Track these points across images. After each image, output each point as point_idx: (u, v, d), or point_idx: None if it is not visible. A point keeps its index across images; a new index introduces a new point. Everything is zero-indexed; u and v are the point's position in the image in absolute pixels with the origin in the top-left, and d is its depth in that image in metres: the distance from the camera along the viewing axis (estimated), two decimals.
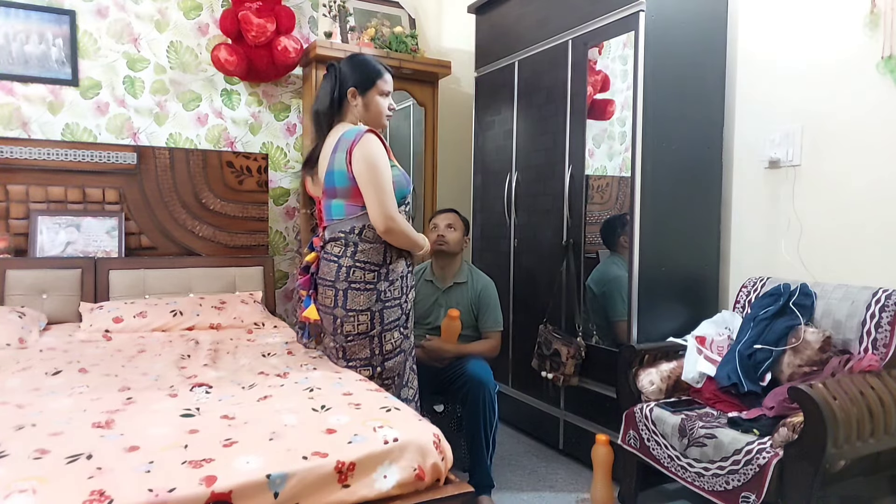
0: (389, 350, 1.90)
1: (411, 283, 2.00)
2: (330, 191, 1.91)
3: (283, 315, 3.48)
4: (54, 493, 1.05)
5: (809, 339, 1.87)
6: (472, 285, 2.51)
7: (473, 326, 2.49)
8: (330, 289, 1.88)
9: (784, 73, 2.30)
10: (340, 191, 1.89)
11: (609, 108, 2.51)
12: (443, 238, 2.46)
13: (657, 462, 1.93)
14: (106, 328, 2.52)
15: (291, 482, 1.18)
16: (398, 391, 1.93)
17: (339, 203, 1.91)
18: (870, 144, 2.04)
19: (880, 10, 1.99)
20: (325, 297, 1.91)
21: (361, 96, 1.94)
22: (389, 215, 1.81)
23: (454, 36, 3.85)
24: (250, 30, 3.02)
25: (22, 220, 2.81)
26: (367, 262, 1.86)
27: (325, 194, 1.94)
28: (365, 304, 1.86)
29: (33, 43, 2.92)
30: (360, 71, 1.94)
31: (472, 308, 2.49)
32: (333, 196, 1.91)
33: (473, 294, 2.50)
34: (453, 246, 2.48)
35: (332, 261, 1.88)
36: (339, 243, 1.89)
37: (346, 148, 1.84)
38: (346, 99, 1.94)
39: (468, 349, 2.40)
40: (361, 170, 1.82)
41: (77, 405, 1.52)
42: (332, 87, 1.93)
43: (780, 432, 1.61)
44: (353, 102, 1.94)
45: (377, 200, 1.81)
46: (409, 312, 1.98)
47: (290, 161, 3.54)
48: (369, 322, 1.86)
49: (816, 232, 2.19)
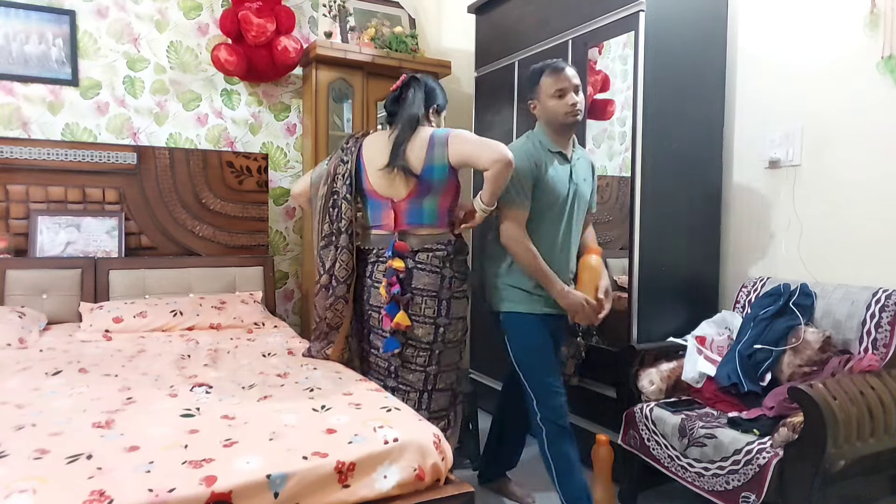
0: (463, 350, 2.08)
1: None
2: (425, 186, 1.93)
3: (283, 315, 3.48)
4: (54, 493, 1.05)
5: (809, 339, 1.88)
6: (585, 155, 2.18)
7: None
8: (432, 299, 1.93)
9: (784, 72, 2.30)
10: (437, 185, 1.93)
11: (609, 108, 2.51)
12: (577, 107, 1.96)
13: (657, 462, 1.93)
14: (106, 328, 2.52)
15: (291, 482, 1.18)
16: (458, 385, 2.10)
17: (432, 203, 1.95)
18: (870, 144, 2.04)
19: (880, 10, 1.99)
20: (425, 308, 1.92)
21: (438, 115, 2.11)
22: (504, 151, 1.83)
23: (454, 36, 3.85)
24: (250, 30, 3.02)
25: (22, 220, 2.81)
26: (461, 272, 2.00)
27: (415, 192, 1.94)
28: (463, 311, 2.01)
29: (33, 43, 2.92)
30: (442, 95, 2.12)
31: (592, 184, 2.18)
32: (427, 192, 1.94)
33: (591, 166, 2.18)
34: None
35: (435, 272, 1.93)
36: (440, 255, 1.95)
37: (442, 143, 1.91)
38: (428, 112, 2.05)
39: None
40: (461, 142, 1.90)
41: (77, 405, 1.52)
42: (423, 98, 2.03)
43: (780, 432, 1.61)
44: (433, 118, 2.08)
45: (487, 145, 1.86)
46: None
47: (290, 161, 3.54)
48: (464, 328, 2.03)
49: (816, 232, 2.19)
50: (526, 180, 1.94)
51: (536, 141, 2.02)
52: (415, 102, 2.00)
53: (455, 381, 2.04)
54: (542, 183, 1.96)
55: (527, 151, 1.97)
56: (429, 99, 2.04)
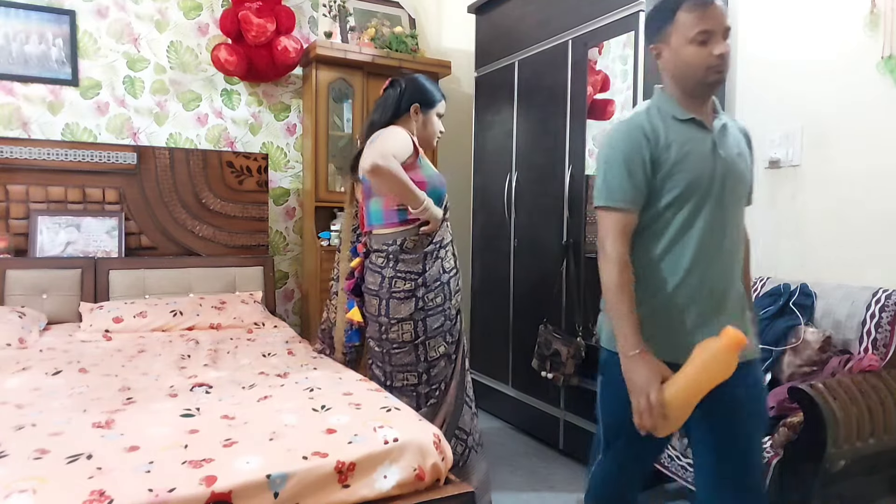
0: (434, 357, 1.96)
1: (456, 289, 2.03)
2: (367, 188, 1.99)
3: (283, 315, 3.48)
4: (54, 493, 1.05)
5: (809, 339, 1.87)
6: (734, 122, 1.48)
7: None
8: (374, 298, 1.96)
9: (784, 72, 2.30)
10: (374, 187, 1.96)
11: (609, 108, 2.51)
12: (725, 59, 1.33)
13: (657, 462, 1.93)
14: (106, 328, 2.52)
15: (291, 482, 1.18)
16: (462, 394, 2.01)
17: (377, 204, 1.97)
18: (870, 144, 2.04)
19: (880, 10, 1.99)
20: (370, 306, 1.99)
21: (423, 113, 2.06)
22: (381, 154, 1.79)
23: (454, 36, 3.85)
24: (250, 30, 3.02)
25: (22, 220, 2.81)
26: (407, 272, 1.93)
27: (364, 195, 2.03)
28: (406, 312, 1.92)
29: (33, 43, 2.92)
30: (425, 91, 2.06)
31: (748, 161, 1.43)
32: (370, 194, 1.98)
33: (745, 135, 1.47)
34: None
35: (377, 272, 1.96)
36: (383, 255, 1.96)
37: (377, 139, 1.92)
38: (408, 113, 2.03)
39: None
40: (379, 138, 1.88)
41: (77, 405, 1.52)
42: (396, 99, 2.02)
43: (780, 432, 1.61)
44: (414, 118, 2.04)
45: (379, 145, 1.85)
46: (454, 318, 2.02)
47: (290, 161, 3.54)
48: (413, 331, 1.93)
49: (816, 232, 2.19)
50: (630, 165, 1.29)
51: (654, 108, 1.36)
52: (380, 108, 2.04)
53: (417, 383, 1.96)
54: (669, 164, 1.30)
55: (632, 126, 1.33)
56: (408, 99, 2.03)
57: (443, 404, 1.98)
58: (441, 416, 1.97)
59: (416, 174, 1.92)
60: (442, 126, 2.14)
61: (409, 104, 2.03)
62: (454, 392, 2.00)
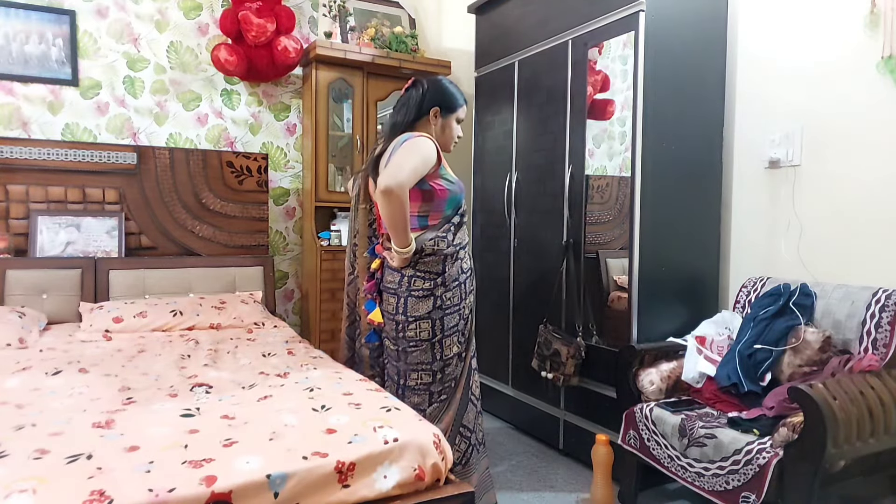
0: (449, 356, 1.97)
1: (470, 289, 2.03)
2: None
3: (283, 315, 3.48)
4: (54, 493, 1.05)
5: (809, 339, 1.87)
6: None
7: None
8: (393, 296, 1.97)
9: (784, 73, 2.30)
10: None
11: (609, 108, 2.50)
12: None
13: (657, 462, 1.93)
14: (106, 328, 2.52)
15: (291, 482, 1.18)
16: (466, 396, 2.02)
17: None
18: (870, 144, 2.04)
19: (880, 10, 1.99)
20: (388, 304, 1.99)
21: (443, 117, 2.04)
22: (398, 181, 1.78)
23: (454, 36, 3.85)
24: (250, 30, 3.02)
25: (22, 220, 2.81)
26: (427, 272, 1.93)
27: None
28: (424, 311, 1.93)
29: (33, 43, 2.92)
30: (446, 94, 2.04)
31: None
32: None
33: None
34: None
35: (397, 270, 1.96)
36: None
37: (395, 151, 1.90)
38: (427, 116, 2.02)
39: None
40: (402, 148, 1.87)
41: (77, 405, 1.52)
42: (418, 101, 2.01)
43: (780, 432, 1.61)
44: (433, 121, 2.03)
45: (396, 164, 1.83)
46: (467, 318, 2.03)
47: (290, 161, 3.54)
48: (430, 329, 1.94)
49: (816, 232, 2.19)
50: None
51: None
52: (402, 108, 2.03)
53: (431, 382, 1.97)
54: None
55: None
56: (429, 102, 2.02)
57: (451, 402, 2.00)
58: (450, 414, 1.99)
59: (437, 182, 1.94)
60: (461, 131, 2.12)
61: (430, 107, 2.02)
62: (462, 390, 2.01)
